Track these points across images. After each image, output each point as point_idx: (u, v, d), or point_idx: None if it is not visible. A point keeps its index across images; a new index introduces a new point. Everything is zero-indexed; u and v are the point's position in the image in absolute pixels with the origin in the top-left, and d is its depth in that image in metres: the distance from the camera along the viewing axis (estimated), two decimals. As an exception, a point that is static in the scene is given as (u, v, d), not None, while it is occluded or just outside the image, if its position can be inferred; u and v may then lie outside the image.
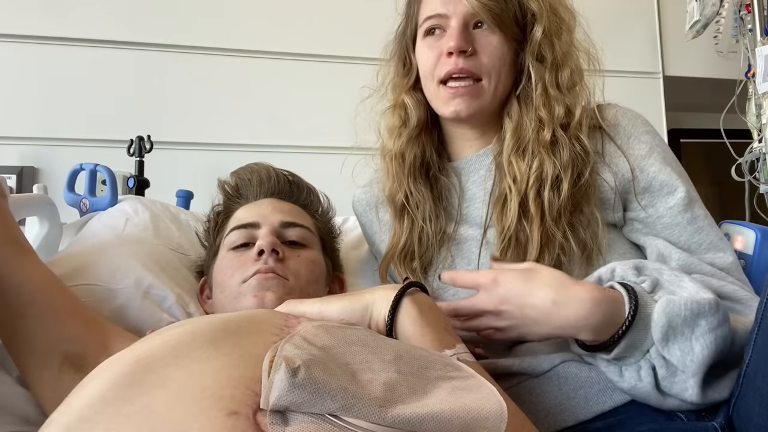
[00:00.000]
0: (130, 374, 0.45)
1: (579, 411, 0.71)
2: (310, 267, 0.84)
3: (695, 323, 0.62)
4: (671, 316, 0.62)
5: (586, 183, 0.79)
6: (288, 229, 0.86)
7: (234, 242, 0.84)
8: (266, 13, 1.91)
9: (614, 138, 0.82)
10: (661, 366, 0.64)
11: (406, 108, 0.91)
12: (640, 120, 0.84)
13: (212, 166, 1.75)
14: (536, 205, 0.78)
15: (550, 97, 0.82)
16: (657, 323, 0.62)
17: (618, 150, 0.81)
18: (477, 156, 0.89)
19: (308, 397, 0.40)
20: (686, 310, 0.62)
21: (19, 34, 1.72)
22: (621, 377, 0.66)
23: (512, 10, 0.83)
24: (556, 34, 0.84)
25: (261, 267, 0.78)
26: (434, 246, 0.87)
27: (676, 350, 0.62)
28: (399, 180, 0.90)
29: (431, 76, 0.85)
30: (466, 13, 0.82)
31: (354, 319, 0.64)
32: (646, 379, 0.64)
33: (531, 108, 0.83)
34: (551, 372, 0.74)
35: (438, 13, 0.84)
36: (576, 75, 0.85)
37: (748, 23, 1.88)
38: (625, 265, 0.69)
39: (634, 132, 0.82)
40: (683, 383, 0.63)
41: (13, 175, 1.65)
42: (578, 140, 0.81)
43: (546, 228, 0.78)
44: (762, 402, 0.58)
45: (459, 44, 0.81)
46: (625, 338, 0.63)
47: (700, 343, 0.61)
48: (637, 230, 0.81)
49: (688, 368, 0.62)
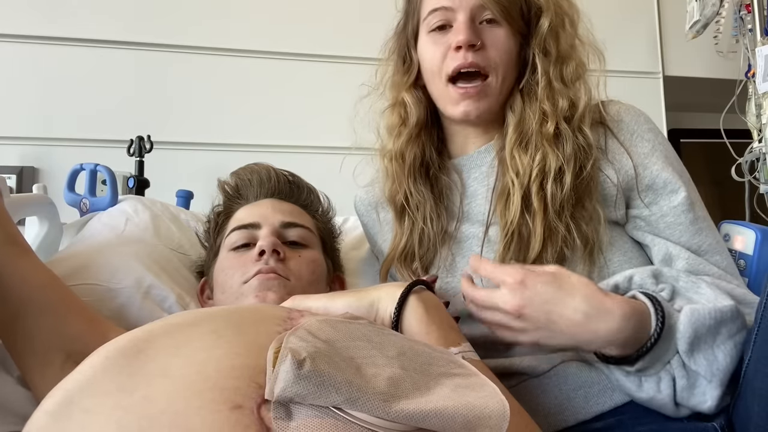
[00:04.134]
0: (129, 365, 0.44)
1: (579, 411, 0.71)
2: (311, 267, 0.84)
3: (717, 331, 0.61)
4: (697, 326, 0.61)
5: (588, 176, 0.79)
6: (288, 230, 0.86)
7: (235, 243, 0.84)
8: (267, 13, 1.91)
9: (617, 134, 0.82)
10: (682, 377, 0.63)
11: (406, 106, 0.90)
12: (643, 117, 0.83)
13: (212, 166, 1.74)
14: (539, 198, 0.78)
15: (555, 90, 0.82)
16: (683, 334, 0.61)
17: (621, 146, 0.81)
18: (479, 152, 0.88)
19: (313, 389, 0.40)
20: (711, 319, 0.61)
21: (19, 34, 1.72)
22: (640, 388, 0.65)
23: (518, 3, 0.82)
24: (561, 27, 0.83)
25: (262, 267, 0.78)
26: (435, 246, 0.86)
27: (702, 360, 0.62)
28: (399, 181, 0.89)
29: (438, 72, 0.83)
30: (473, 6, 0.80)
31: (360, 315, 0.64)
32: (665, 391, 0.64)
33: (535, 101, 0.82)
34: (551, 372, 0.74)
35: (443, 6, 0.82)
36: (580, 68, 0.84)
37: (748, 23, 1.88)
38: (643, 273, 0.68)
39: (638, 129, 0.81)
40: (702, 395, 0.62)
41: (13, 175, 1.65)
42: (581, 132, 0.80)
43: (549, 221, 0.77)
44: (761, 402, 0.58)
45: (468, 38, 0.79)
46: (651, 352, 0.62)
47: (722, 351, 0.61)
48: (639, 228, 0.81)
49: (715, 377, 0.61)
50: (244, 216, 0.88)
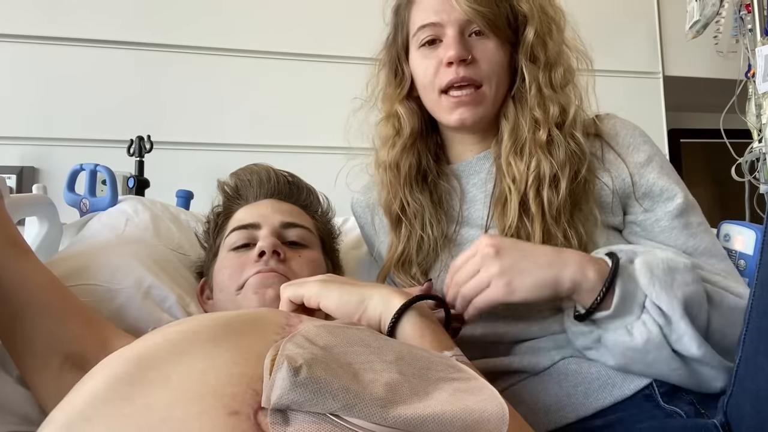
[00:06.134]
0: (131, 373, 0.45)
1: (579, 407, 0.72)
2: (311, 267, 0.84)
3: (672, 277, 0.66)
4: (650, 266, 0.66)
5: (584, 180, 0.80)
6: (288, 230, 0.86)
7: (234, 243, 0.84)
8: (266, 12, 1.91)
9: (613, 147, 0.83)
10: (658, 315, 0.65)
11: (400, 118, 0.91)
12: (638, 131, 0.85)
13: (212, 166, 1.75)
14: (536, 204, 0.79)
15: (545, 96, 0.83)
16: (640, 271, 0.66)
17: (618, 157, 0.82)
18: (477, 159, 0.89)
19: (310, 396, 0.40)
20: (662, 263, 0.67)
21: (19, 34, 1.72)
22: (631, 336, 0.66)
23: (504, 13, 0.83)
24: (547, 34, 0.84)
25: (262, 268, 0.79)
26: (436, 250, 0.87)
27: (663, 295, 0.65)
28: (394, 190, 0.90)
29: (431, 86, 0.84)
30: (461, 21, 0.81)
31: (348, 309, 0.65)
32: (653, 329, 0.65)
33: (526, 108, 0.83)
34: (551, 369, 0.74)
35: (432, 21, 0.83)
36: (569, 73, 0.85)
37: (748, 23, 1.88)
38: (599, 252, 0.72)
39: (633, 142, 0.83)
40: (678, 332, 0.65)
41: (13, 175, 1.65)
42: (573, 138, 0.81)
43: (547, 226, 0.78)
44: (752, 402, 0.58)
45: (459, 53, 0.80)
46: (618, 287, 0.65)
47: (682, 292, 0.65)
48: (635, 233, 0.82)
49: (675, 312, 0.64)
50: (244, 216, 0.88)
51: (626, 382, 0.71)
